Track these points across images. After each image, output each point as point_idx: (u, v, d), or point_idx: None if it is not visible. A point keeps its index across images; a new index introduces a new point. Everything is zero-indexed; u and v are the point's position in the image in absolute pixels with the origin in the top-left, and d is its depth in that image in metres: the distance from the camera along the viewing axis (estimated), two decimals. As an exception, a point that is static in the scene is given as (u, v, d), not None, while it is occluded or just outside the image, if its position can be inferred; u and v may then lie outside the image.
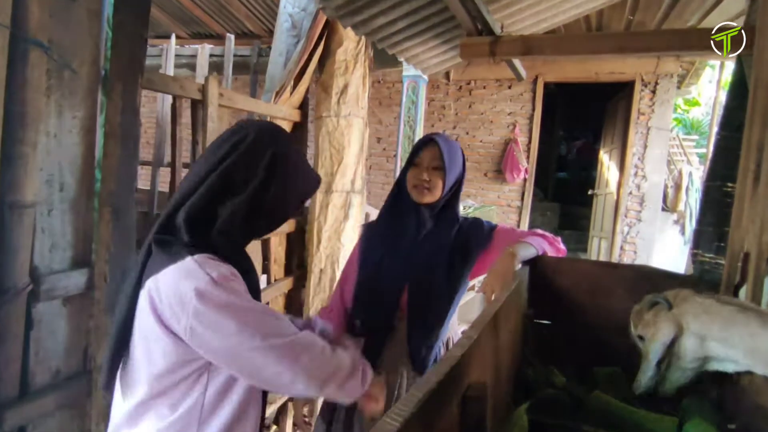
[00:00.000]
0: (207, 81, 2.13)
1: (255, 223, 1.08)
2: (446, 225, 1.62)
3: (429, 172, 1.56)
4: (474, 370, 0.83)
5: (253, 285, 1.08)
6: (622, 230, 5.81)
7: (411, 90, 5.38)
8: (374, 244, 1.67)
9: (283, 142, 1.12)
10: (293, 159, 1.12)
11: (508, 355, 1.28)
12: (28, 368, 1.55)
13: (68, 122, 1.62)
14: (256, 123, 1.16)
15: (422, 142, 1.60)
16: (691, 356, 1.03)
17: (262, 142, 1.07)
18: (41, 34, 1.46)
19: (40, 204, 1.55)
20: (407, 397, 0.55)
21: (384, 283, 1.59)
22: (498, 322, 1.08)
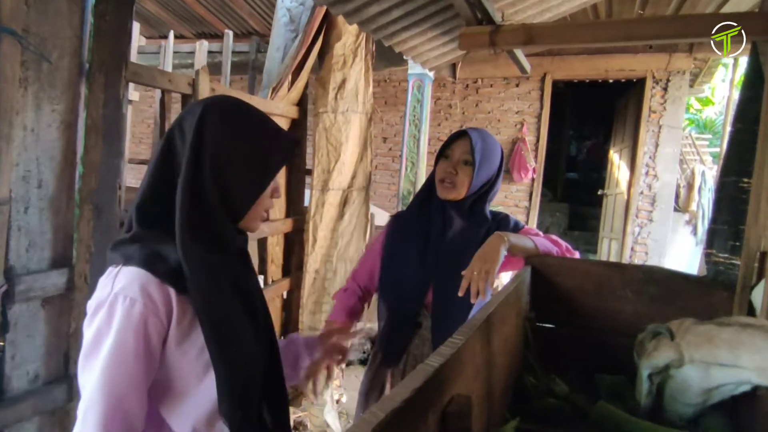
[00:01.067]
0: (198, 75, 2.06)
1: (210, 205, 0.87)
2: (474, 224, 1.55)
3: (458, 166, 1.50)
4: (458, 381, 0.74)
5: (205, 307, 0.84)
6: (633, 231, 5.68)
7: (416, 88, 5.29)
8: (400, 238, 1.61)
9: (218, 99, 0.94)
10: (233, 112, 0.92)
11: (504, 362, 1.19)
12: (3, 373, 1.49)
13: (47, 116, 1.55)
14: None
15: (455, 135, 1.54)
16: (696, 388, 0.96)
17: (192, 108, 0.91)
18: (15, 23, 1.40)
19: (16, 201, 1.48)
20: (363, 418, 0.46)
21: (409, 280, 1.55)
22: (491, 327, 0.99)
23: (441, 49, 3.20)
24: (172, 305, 0.83)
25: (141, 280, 0.80)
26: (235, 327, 0.88)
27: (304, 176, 3.09)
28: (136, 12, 6.17)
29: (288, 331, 3.03)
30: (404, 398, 0.53)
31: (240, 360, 0.87)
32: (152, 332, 0.80)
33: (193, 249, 0.84)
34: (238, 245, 0.96)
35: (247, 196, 0.92)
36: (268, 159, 0.93)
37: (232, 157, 0.89)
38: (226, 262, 0.91)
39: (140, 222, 0.88)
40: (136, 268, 0.81)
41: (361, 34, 2.95)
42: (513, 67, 3.95)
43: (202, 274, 0.84)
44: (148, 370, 0.81)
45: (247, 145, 0.91)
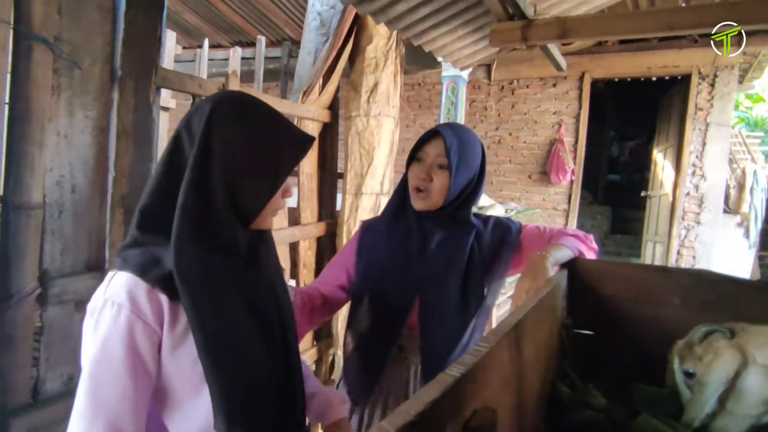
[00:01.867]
0: (227, 79, 2.07)
1: (217, 208, 0.83)
2: (459, 233, 1.37)
3: (432, 170, 1.31)
4: (483, 392, 0.69)
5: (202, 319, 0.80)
6: (679, 234, 5.45)
7: (450, 91, 5.23)
8: (375, 252, 1.42)
9: (228, 96, 0.90)
10: (244, 111, 0.87)
11: (539, 371, 1.12)
12: (38, 375, 1.51)
13: (80, 122, 1.57)
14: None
15: (426, 135, 1.35)
16: (756, 397, 0.85)
17: (200, 106, 0.86)
18: (47, 31, 1.42)
19: (50, 205, 1.50)
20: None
21: (388, 298, 1.36)
22: (522, 334, 0.93)
23: (472, 47, 3.14)
24: (163, 311, 0.80)
25: (129, 285, 0.79)
26: (233, 337, 0.83)
27: (336, 180, 3.07)
28: (175, 22, 6.35)
29: (321, 336, 3.01)
30: (418, 411, 0.48)
31: (238, 373, 0.83)
32: (140, 338, 0.78)
33: (189, 253, 0.80)
34: (249, 246, 0.91)
35: (258, 197, 0.88)
36: (279, 158, 0.88)
37: (242, 156, 0.85)
38: (230, 266, 0.86)
39: (141, 226, 0.85)
40: (128, 273, 0.80)
41: (392, 37, 2.91)
42: (550, 66, 3.85)
43: (195, 280, 0.80)
44: (138, 376, 0.78)
45: (258, 144, 0.86)
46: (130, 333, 0.77)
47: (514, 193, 6.21)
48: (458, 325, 1.37)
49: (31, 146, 1.41)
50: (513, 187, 6.27)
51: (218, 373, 0.80)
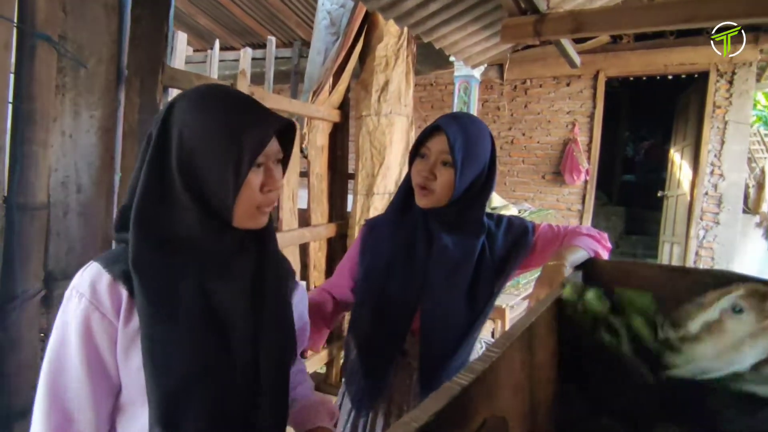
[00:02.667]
0: (236, 79, 2.05)
1: (178, 205, 0.79)
2: (468, 235, 1.29)
3: (435, 168, 1.22)
4: (493, 400, 0.65)
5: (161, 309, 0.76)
6: (697, 234, 5.34)
7: (463, 91, 5.18)
8: (378, 252, 1.34)
9: (194, 88, 0.84)
10: (204, 97, 0.81)
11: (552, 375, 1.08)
12: (43, 377, 1.50)
13: (85, 122, 1.56)
14: None
15: (428, 129, 1.25)
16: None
17: (167, 103, 0.82)
18: (51, 30, 1.41)
19: (54, 206, 1.49)
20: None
21: (392, 301, 1.29)
22: (534, 338, 0.89)
23: (484, 44, 3.08)
24: (121, 306, 0.76)
25: (93, 276, 0.76)
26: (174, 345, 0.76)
27: (347, 181, 3.04)
28: (187, 25, 6.37)
29: (331, 338, 2.98)
30: (422, 423, 0.44)
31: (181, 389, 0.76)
32: (97, 330, 0.75)
33: (144, 247, 0.77)
34: (226, 247, 0.84)
35: (223, 189, 0.79)
36: (240, 143, 0.78)
37: (197, 143, 0.77)
38: (193, 267, 0.80)
39: (118, 227, 0.83)
40: (96, 264, 0.78)
41: (402, 35, 2.88)
42: (563, 65, 3.77)
43: (148, 275, 0.76)
44: (93, 367, 0.76)
45: (213, 129, 0.78)
46: (86, 322, 0.75)
47: (527, 194, 6.14)
48: (461, 332, 1.30)
49: (35, 146, 1.39)
50: (526, 187, 6.20)
51: (157, 383, 0.74)
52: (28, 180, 1.39)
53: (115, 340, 0.76)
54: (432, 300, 1.27)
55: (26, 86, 1.36)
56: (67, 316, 0.76)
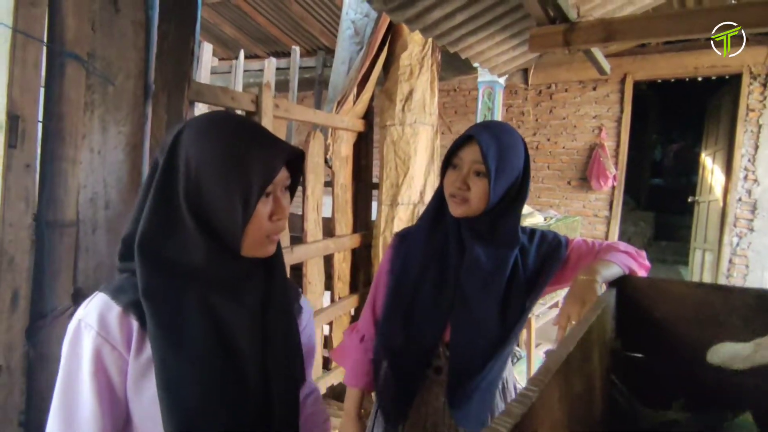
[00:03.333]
0: (261, 91, 2.05)
1: (185, 235, 0.77)
2: (501, 244, 1.26)
3: (468, 178, 1.20)
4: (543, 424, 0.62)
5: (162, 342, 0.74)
6: (731, 241, 5.18)
7: (487, 96, 5.13)
8: (410, 262, 1.31)
9: (201, 116, 0.82)
10: (211, 125, 0.79)
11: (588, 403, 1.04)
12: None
13: (113, 138, 1.57)
14: None
15: (461, 139, 1.22)
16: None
17: (173, 130, 0.81)
18: (80, 47, 1.42)
19: (84, 222, 1.50)
20: None
21: (422, 313, 1.27)
22: (571, 369, 0.85)
23: (510, 53, 3.03)
24: (132, 337, 0.75)
25: (102, 308, 0.75)
26: (187, 371, 0.75)
27: (371, 190, 3.03)
28: (213, 34, 6.45)
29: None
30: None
31: (188, 408, 0.75)
32: (108, 363, 0.74)
33: (156, 280, 0.75)
34: (233, 276, 0.83)
35: (231, 218, 0.77)
36: (248, 174, 0.77)
37: (205, 173, 0.76)
38: (203, 295, 0.78)
39: (123, 256, 0.81)
40: (103, 294, 0.77)
41: (427, 44, 2.85)
42: (589, 69, 3.70)
43: (159, 304, 0.75)
44: (105, 400, 0.75)
45: (221, 159, 0.76)
46: (97, 355, 0.73)
47: (553, 200, 6.04)
48: (492, 346, 1.27)
49: (64, 164, 1.40)
50: (552, 193, 6.10)
51: (169, 409, 0.74)
52: (58, 197, 1.40)
53: (124, 372, 0.76)
54: (463, 312, 1.24)
55: (56, 104, 1.37)
56: (77, 348, 0.74)
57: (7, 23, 1.25)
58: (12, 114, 1.26)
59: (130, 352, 0.75)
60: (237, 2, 5.59)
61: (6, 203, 1.26)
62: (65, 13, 1.36)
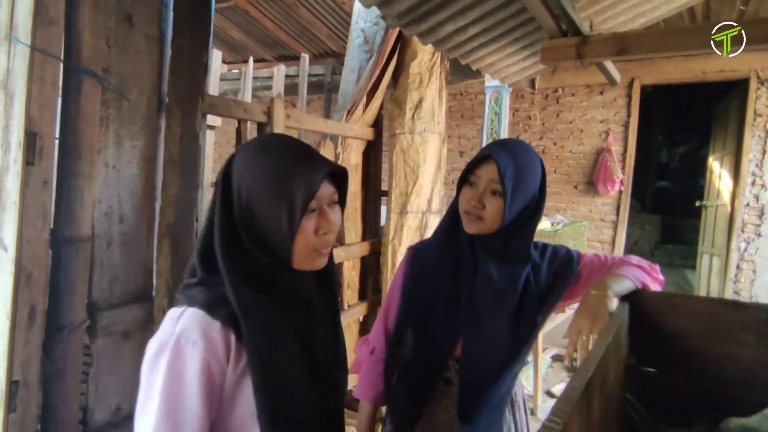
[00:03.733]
0: (272, 102, 2.06)
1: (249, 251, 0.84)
2: (514, 262, 1.26)
3: (484, 196, 1.20)
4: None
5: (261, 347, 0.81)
6: (738, 247, 5.16)
7: (494, 101, 5.14)
8: (424, 277, 1.32)
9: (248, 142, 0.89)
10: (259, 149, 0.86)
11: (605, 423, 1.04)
12: (86, 406, 1.52)
13: (127, 152, 1.58)
14: None
15: (478, 158, 1.22)
16: None
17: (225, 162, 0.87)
18: (96, 64, 1.43)
19: (98, 237, 1.51)
20: None
21: (435, 328, 1.28)
22: (591, 395, 0.86)
23: (521, 63, 3.03)
24: (231, 349, 0.80)
25: (203, 323, 0.79)
26: (286, 380, 0.84)
27: (380, 198, 3.03)
28: (221, 39, 6.47)
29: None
30: None
31: (287, 414, 0.83)
32: (214, 373, 0.79)
33: (244, 292, 0.81)
34: (301, 287, 0.89)
35: (279, 233, 0.83)
36: (291, 191, 0.82)
37: (253, 192, 0.82)
38: (286, 308, 0.86)
39: (203, 268, 0.86)
40: (198, 310, 0.80)
41: (436, 52, 2.86)
42: (596, 74, 3.70)
43: (253, 319, 0.80)
44: (208, 409, 0.79)
45: (266, 178, 0.82)
46: (205, 368, 0.77)
47: (559, 204, 6.03)
48: (503, 361, 1.28)
49: (80, 180, 1.42)
50: (558, 197, 6.09)
51: (270, 413, 0.80)
52: (74, 213, 1.41)
53: (222, 383, 0.81)
54: (475, 327, 1.25)
55: (72, 121, 1.38)
56: (180, 364, 0.76)
57: (26, 42, 1.26)
58: (30, 131, 1.27)
59: (229, 363, 0.80)
60: (245, 7, 5.62)
61: (24, 220, 1.27)
62: (82, 30, 1.37)
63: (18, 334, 1.28)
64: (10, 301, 1.26)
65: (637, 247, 7.86)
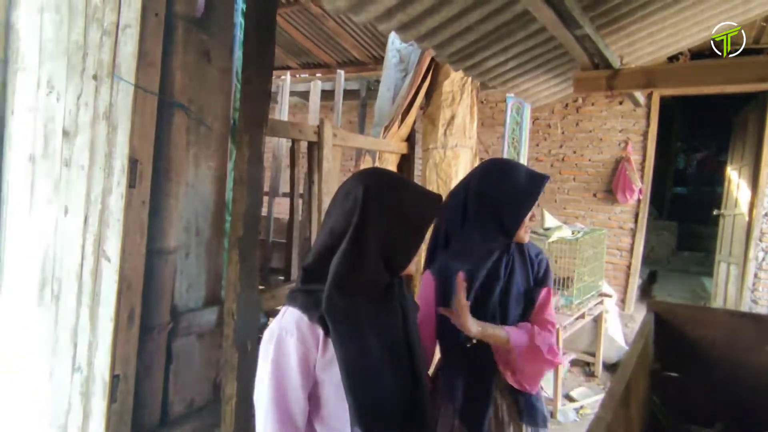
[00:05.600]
0: (322, 123, 2.24)
1: (369, 268, 1.07)
2: (524, 260, 1.51)
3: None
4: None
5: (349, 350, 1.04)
6: (756, 256, 5.25)
7: (515, 111, 5.26)
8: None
9: (375, 179, 1.12)
10: (390, 190, 1.10)
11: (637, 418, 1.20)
12: (167, 398, 1.71)
13: (203, 172, 1.77)
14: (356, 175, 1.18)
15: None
16: None
17: (353, 187, 1.10)
18: (183, 97, 1.62)
19: (180, 249, 1.70)
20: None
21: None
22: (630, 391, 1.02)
23: (553, 89, 3.20)
24: (319, 341, 1.04)
25: (297, 320, 1.04)
26: (367, 368, 1.06)
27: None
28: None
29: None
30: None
31: (370, 395, 1.05)
32: (305, 357, 1.03)
33: (336, 301, 1.03)
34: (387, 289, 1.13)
35: (408, 255, 1.12)
36: (422, 222, 1.11)
37: (396, 227, 1.07)
38: (370, 309, 1.09)
39: (305, 279, 1.10)
40: (296, 310, 1.05)
41: (470, 74, 3.03)
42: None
43: (341, 322, 1.03)
44: (304, 384, 1.04)
45: (406, 216, 1.08)
46: (298, 353, 1.02)
47: (578, 212, 6.15)
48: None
49: (170, 199, 1.61)
50: (577, 205, 6.21)
51: (355, 394, 1.03)
52: (163, 228, 1.60)
53: (314, 365, 1.05)
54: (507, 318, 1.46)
55: (164, 148, 1.58)
56: (284, 348, 1.02)
57: (130, 80, 1.46)
58: (132, 158, 1.46)
59: (317, 351, 1.04)
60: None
61: (126, 236, 1.46)
62: (174, 68, 1.57)
63: (119, 334, 1.47)
64: (114, 305, 1.46)
65: (654, 253, 7.92)
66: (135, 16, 1.45)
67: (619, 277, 5.91)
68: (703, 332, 1.58)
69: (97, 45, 1.53)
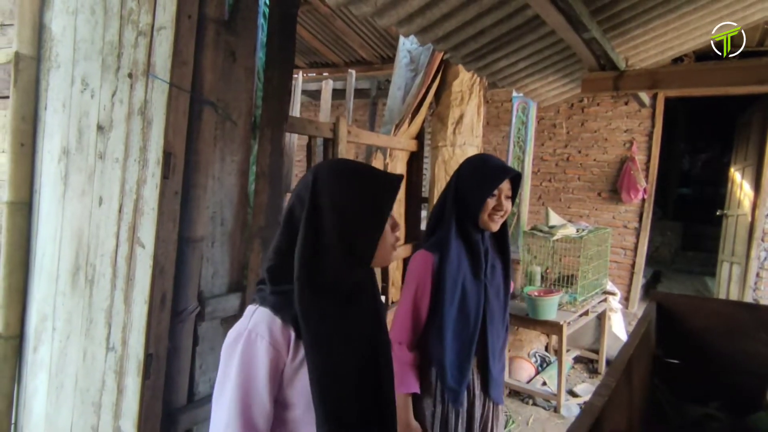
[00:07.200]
0: (338, 121, 2.34)
1: (332, 254, 1.00)
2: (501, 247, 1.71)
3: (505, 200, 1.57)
4: (612, 417, 0.88)
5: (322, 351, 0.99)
6: (758, 256, 5.32)
7: (521, 110, 5.35)
8: (453, 274, 1.56)
9: (326, 165, 1.07)
10: (340, 173, 1.04)
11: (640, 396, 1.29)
12: (194, 379, 1.81)
13: (228, 166, 1.87)
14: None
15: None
16: None
17: (305, 177, 1.05)
18: (211, 94, 1.72)
19: (206, 238, 1.80)
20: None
21: (470, 313, 1.58)
22: (632, 368, 1.11)
23: (560, 89, 3.30)
24: (290, 344, 0.98)
25: (269, 321, 0.97)
26: (335, 370, 1.00)
27: (421, 204, 3.29)
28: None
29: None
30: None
31: (339, 399, 1.01)
32: (274, 361, 0.97)
33: (307, 298, 0.98)
34: (356, 283, 1.08)
35: (370, 241, 1.03)
36: (380, 204, 1.03)
37: (350, 211, 1.01)
38: (339, 305, 1.04)
39: (272, 281, 1.04)
40: (267, 310, 0.99)
41: (477, 72, 3.12)
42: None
43: (313, 323, 0.98)
44: (272, 389, 0.97)
45: (359, 198, 1.02)
46: (267, 357, 0.96)
47: (583, 211, 6.23)
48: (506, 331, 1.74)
49: (198, 190, 1.71)
50: (582, 204, 6.29)
51: (324, 400, 0.98)
52: (192, 217, 1.70)
53: (283, 369, 0.99)
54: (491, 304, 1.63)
55: (195, 142, 1.67)
56: (253, 351, 0.96)
57: (165, 79, 1.55)
58: (167, 152, 1.56)
59: (288, 354, 0.98)
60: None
61: (160, 224, 1.56)
62: (205, 68, 1.66)
63: (153, 315, 1.57)
64: (148, 288, 1.56)
65: (658, 253, 7.98)
66: (170, 18, 1.54)
67: (623, 276, 5.99)
68: (701, 321, 1.67)
69: (132, 45, 1.63)
